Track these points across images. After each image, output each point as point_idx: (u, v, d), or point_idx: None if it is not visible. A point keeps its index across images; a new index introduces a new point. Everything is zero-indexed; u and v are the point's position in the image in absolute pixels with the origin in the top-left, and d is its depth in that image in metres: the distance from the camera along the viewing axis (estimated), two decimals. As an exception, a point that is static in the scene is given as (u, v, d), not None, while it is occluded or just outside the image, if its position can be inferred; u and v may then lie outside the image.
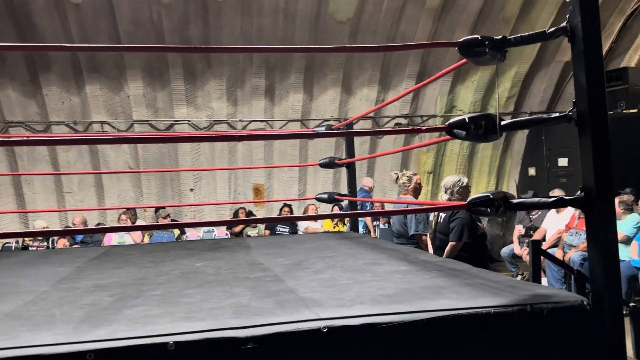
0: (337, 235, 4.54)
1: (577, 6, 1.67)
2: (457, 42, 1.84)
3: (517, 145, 10.06)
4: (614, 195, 1.72)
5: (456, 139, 1.90)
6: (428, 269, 2.50)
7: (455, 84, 9.53)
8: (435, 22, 8.66)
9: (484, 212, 1.86)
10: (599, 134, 1.67)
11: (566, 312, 1.66)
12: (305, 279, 2.33)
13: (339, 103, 9.21)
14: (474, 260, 3.30)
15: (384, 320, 1.56)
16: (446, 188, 4.08)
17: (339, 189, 8.89)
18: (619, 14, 9.34)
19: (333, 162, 4.62)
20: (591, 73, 1.66)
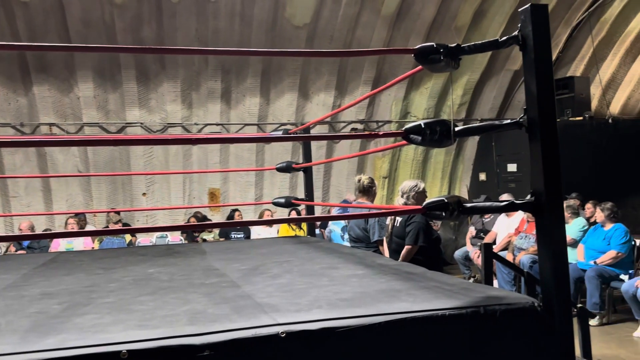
0: (294, 239, 4.53)
1: (529, 16, 1.72)
2: (413, 49, 1.87)
3: (468, 151, 10.31)
4: (563, 200, 1.78)
5: (412, 144, 1.93)
6: (384, 273, 2.53)
7: (410, 91, 9.68)
8: (391, 30, 8.79)
9: (439, 216, 1.89)
10: (549, 140, 1.72)
11: (518, 314, 1.70)
12: (262, 284, 2.31)
13: (296, 107, 9.21)
14: (429, 263, 3.36)
15: (341, 324, 1.56)
16: (403, 192, 4.13)
17: (296, 193, 8.88)
18: (565, 25, 9.71)
19: (290, 167, 4.61)
20: (541, 81, 1.71)
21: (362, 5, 8.43)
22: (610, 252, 5.94)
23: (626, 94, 10.63)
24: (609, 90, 10.48)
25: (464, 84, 9.78)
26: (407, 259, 3.79)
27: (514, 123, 1.81)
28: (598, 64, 10.01)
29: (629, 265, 5.96)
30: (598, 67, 10.02)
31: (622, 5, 9.47)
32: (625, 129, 9.60)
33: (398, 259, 3.79)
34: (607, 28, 9.78)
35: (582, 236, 6.46)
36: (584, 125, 9.26)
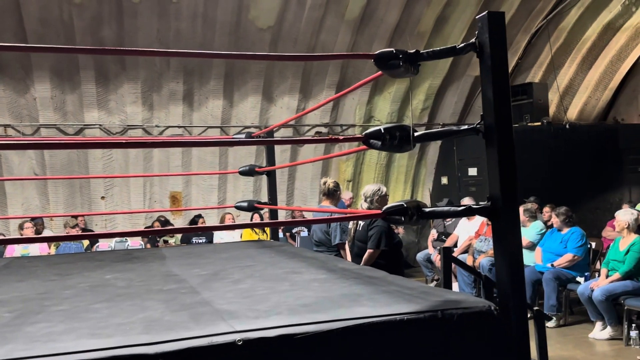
0: (257, 244, 4.50)
1: (486, 23, 1.75)
2: (373, 54, 1.87)
3: (430, 155, 10.44)
4: (519, 204, 1.81)
5: (372, 148, 1.93)
6: (346, 277, 2.52)
7: (373, 95, 9.76)
8: (355, 34, 8.84)
9: (399, 220, 1.90)
10: (505, 145, 1.75)
11: (475, 317, 1.72)
12: (222, 290, 2.28)
13: (260, 110, 9.16)
14: (390, 267, 3.37)
15: (300, 330, 1.55)
16: (366, 197, 4.15)
17: (260, 197, 8.83)
18: (524, 32, 9.95)
19: (253, 170, 4.58)
20: (498, 87, 1.74)
21: (326, 9, 8.45)
22: (567, 255, 6.09)
23: (583, 100, 10.97)
24: (566, 97, 10.79)
25: (426, 89, 9.91)
26: (369, 263, 3.80)
27: (471, 129, 1.83)
28: (556, 71, 10.29)
29: (584, 267, 6.12)
30: (556, 74, 10.30)
31: (579, 14, 9.76)
32: (582, 134, 9.89)
33: (360, 263, 3.80)
34: (565, 35, 10.07)
35: (540, 239, 6.60)
36: (542, 131, 9.49)
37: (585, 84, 10.76)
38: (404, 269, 5.07)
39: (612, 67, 10.70)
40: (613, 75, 10.85)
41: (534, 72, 10.38)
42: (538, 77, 10.36)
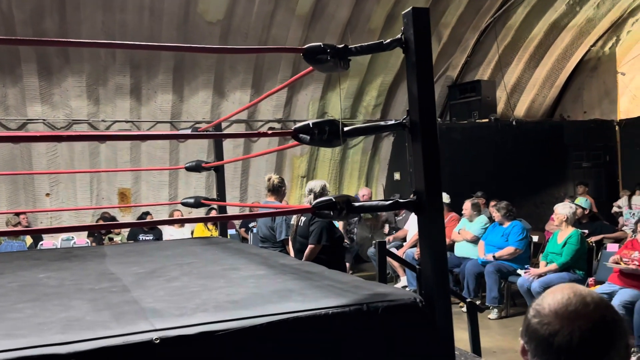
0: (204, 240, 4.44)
1: (410, 19, 1.76)
2: (302, 48, 1.87)
3: (384, 152, 10.55)
4: (442, 199, 1.84)
5: (302, 143, 1.93)
6: (284, 273, 2.52)
7: (326, 91, 9.78)
8: (306, 29, 8.83)
9: (328, 215, 1.90)
10: (429, 141, 1.77)
11: (400, 310, 1.74)
12: (154, 288, 2.24)
13: (211, 105, 9.05)
14: (332, 262, 3.39)
15: (222, 327, 1.53)
16: (315, 193, 4.14)
17: (212, 193, 8.72)
18: (473, 30, 10.15)
19: (200, 166, 4.51)
20: (422, 83, 1.76)
21: (277, 3, 8.41)
22: (508, 247, 6.26)
23: (530, 97, 11.29)
24: (514, 94, 11.08)
25: (379, 86, 9.99)
26: (311, 259, 3.81)
27: (397, 124, 1.85)
28: (503, 69, 10.55)
29: (525, 260, 6.31)
30: (503, 72, 10.56)
31: (525, 12, 10.03)
32: (529, 130, 10.18)
33: (302, 259, 3.80)
34: (512, 34, 10.33)
35: (484, 233, 6.77)
36: (489, 127, 9.73)
37: (533, 82, 11.07)
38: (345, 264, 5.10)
39: (558, 65, 11.05)
40: (559, 73, 11.21)
41: (482, 70, 10.61)
42: (486, 75, 10.59)
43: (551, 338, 1.02)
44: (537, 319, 1.06)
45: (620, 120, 10.82)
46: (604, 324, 1.02)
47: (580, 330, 1.01)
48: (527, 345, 1.08)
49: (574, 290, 1.07)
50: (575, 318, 1.02)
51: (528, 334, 1.07)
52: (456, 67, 10.63)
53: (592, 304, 1.04)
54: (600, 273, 5.61)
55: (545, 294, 1.10)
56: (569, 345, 1.00)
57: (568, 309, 1.03)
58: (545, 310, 1.05)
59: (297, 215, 4.13)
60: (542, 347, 1.03)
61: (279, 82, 9.18)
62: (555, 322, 1.03)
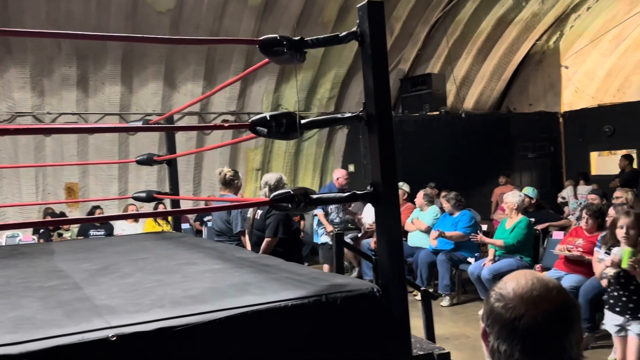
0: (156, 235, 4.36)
1: (366, 12, 1.78)
2: (258, 39, 1.85)
3: (338, 144, 10.61)
4: (398, 190, 1.87)
5: (259, 136, 1.92)
6: (241, 266, 2.51)
7: (281, 83, 9.74)
8: (259, 21, 8.76)
9: (286, 207, 1.90)
10: (385, 133, 1.79)
11: (358, 300, 1.76)
12: (106, 285, 2.18)
13: (162, 97, 8.86)
14: (289, 254, 3.40)
15: (179, 322, 1.51)
16: (270, 185, 4.13)
17: (164, 187, 8.56)
18: (424, 24, 10.31)
19: (151, 159, 4.41)
20: (378, 76, 1.78)
21: (229, -6, 8.31)
22: (457, 231, 6.41)
23: (478, 90, 11.57)
24: (463, 87, 11.33)
25: (332, 78, 10.02)
26: (268, 251, 3.80)
27: (354, 117, 1.86)
28: (453, 62, 10.77)
29: (475, 248, 6.49)
30: (453, 65, 10.78)
31: (474, 7, 10.25)
32: (477, 122, 10.45)
33: (259, 252, 3.79)
34: (461, 28, 10.55)
35: (435, 223, 6.92)
36: (440, 120, 9.93)
37: (481, 75, 11.35)
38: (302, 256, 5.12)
39: (505, 58, 11.36)
40: (506, 67, 11.53)
41: (433, 63, 10.79)
42: (437, 68, 10.78)
43: (516, 321, 1.06)
44: (501, 303, 1.09)
45: (564, 113, 11.24)
46: (565, 308, 1.07)
47: (545, 314, 1.05)
48: (489, 328, 1.11)
49: (536, 276, 1.12)
50: (539, 302, 1.07)
51: (491, 317, 1.11)
52: (408, 61, 10.78)
53: (555, 289, 1.09)
54: (546, 260, 5.83)
55: (506, 279, 1.14)
56: (534, 329, 1.05)
57: (533, 294, 1.08)
58: (510, 294, 1.09)
59: (254, 209, 4.11)
60: (506, 330, 1.07)
61: (232, 74, 9.07)
62: (521, 306, 1.07)
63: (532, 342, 1.05)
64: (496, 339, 1.09)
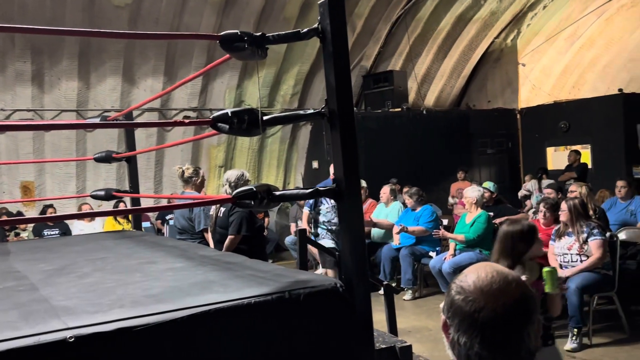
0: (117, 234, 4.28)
1: (327, 9, 1.78)
2: (218, 35, 1.84)
3: (302, 140, 10.61)
4: (360, 186, 1.88)
5: (221, 132, 1.90)
6: (203, 264, 2.48)
7: (243, 79, 9.67)
8: (220, 17, 8.67)
9: (248, 204, 1.89)
10: (347, 130, 1.80)
11: (321, 296, 1.77)
12: (65, 285, 2.13)
13: (121, 93, 8.68)
14: (252, 252, 3.39)
15: (140, 322, 1.49)
16: (230, 182, 4.10)
17: (124, 185, 8.38)
18: (385, 22, 10.40)
19: (110, 156, 4.32)
20: (339, 73, 1.78)
21: (189, -11, 8.20)
22: (419, 226, 6.51)
23: (439, 88, 11.75)
24: (424, 84, 11.48)
25: (295, 75, 10.01)
26: (231, 249, 3.78)
27: (316, 113, 1.86)
28: (414, 60, 10.90)
29: (436, 242, 6.60)
30: (414, 62, 10.91)
31: (434, 5, 10.39)
32: (438, 119, 10.62)
33: (222, 250, 3.76)
34: (422, 26, 10.68)
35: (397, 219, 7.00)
36: (402, 116, 10.04)
37: (441, 72, 11.53)
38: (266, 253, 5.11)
39: (464, 56, 11.57)
40: (465, 64, 11.74)
41: (394, 60, 10.90)
42: (398, 65, 10.89)
43: (476, 314, 1.08)
44: (461, 296, 1.11)
45: (521, 109, 11.53)
46: (523, 300, 1.10)
47: (504, 306, 1.08)
48: (449, 320, 1.13)
49: (496, 268, 1.14)
50: (499, 295, 1.09)
51: (452, 310, 1.13)
52: (370, 58, 10.86)
53: (514, 282, 1.11)
54: (504, 253, 5.96)
55: (467, 272, 1.16)
56: (493, 321, 1.07)
57: (492, 287, 1.10)
58: (470, 287, 1.11)
59: (217, 206, 4.07)
60: (466, 322, 1.09)
61: (193, 70, 8.95)
62: (481, 298, 1.09)
63: (491, 334, 1.07)
64: (456, 332, 1.11)
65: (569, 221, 4.80)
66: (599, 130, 9.99)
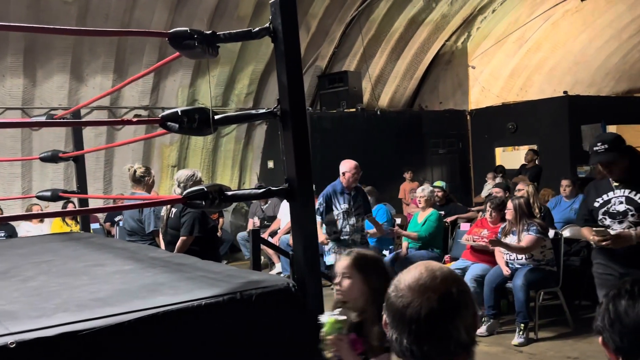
0: (63, 236, 4.16)
1: (278, 9, 1.78)
2: (168, 32, 1.81)
3: (257, 140, 10.54)
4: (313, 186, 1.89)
5: (170, 131, 1.87)
6: (153, 266, 2.44)
7: (196, 78, 9.53)
8: (172, 13, 8.51)
9: (199, 205, 1.87)
10: (299, 129, 1.81)
11: (273, 296, 1.77)
12: (7, 290, 2.06)
13: (68, 91, 8.41)
14: (205, 253, 3.34)
15: (85, 327, 1.45)
16: (179, 182, 4.03)
17: (72, 185, 8.13)
18: (339, 22, 10.45)
19: (56, 156, 4.19)
20: (291, 73, 1.79)
21: (140, -15, 8.02)
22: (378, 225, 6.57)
23: (392, 89, 11.91)
24: (378, 85, 11.61)
25: (250, 74, 9.94)
26: (183, 250, 3.72)
27: (269, 113, 1.86)
28: (368, 60, 11.00)
29: (389, 241, 6.69)
30: (368, 63, 11.01)
31: (387, 7, 10.51)
32: (391, 120, 10.75)
33: (173, 251, 3.70)
34: (376, 27, 10.79)
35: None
36: (356, 116, 10.12)
37: (394, 74, 11.68)
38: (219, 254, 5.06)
39: (416, 58, 11.76)
40: (418, 66, 11.93)
41: (349, 61, 10.97)
42: (353, 66, 10.97)
43: (404, 310, 1.12)
44: (394, 293, 1.16)
45: (471, 110, 11.81)
46: (449, 295, 1.14)
47: (428, 301, 1.11)
48: (387, 317, 1.17)
49: (427, 266, 1.19)
50: (424, 291, 1.13)
51: (387, 307, 1.17)
52: (325, 58, 10.89)
53: (440, 278, 1.15)
54: (455, 250, 6.11)
55: (405, 270, 1.20)
56: (417, 316, 1.11)
57: (419, 283, 1.14)
58: (401, 285, 1.16)
59: (168, 207, 4.00)
60: (397, 318, 1.13)
61: (144, 67, 8.75)
62: (408, 295, 1.13)
63: (417, 328, 1.11)
64: (391, 327, 1.15)
65: (514, 219, 4.97)
66: (545, 131, 10.34)
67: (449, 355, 1.12)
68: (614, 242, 3.23)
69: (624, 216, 3.33)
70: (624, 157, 3.33)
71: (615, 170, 3.35)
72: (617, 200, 3.36)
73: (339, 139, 9.58)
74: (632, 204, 3.32)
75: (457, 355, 1.13)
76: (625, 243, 3.24)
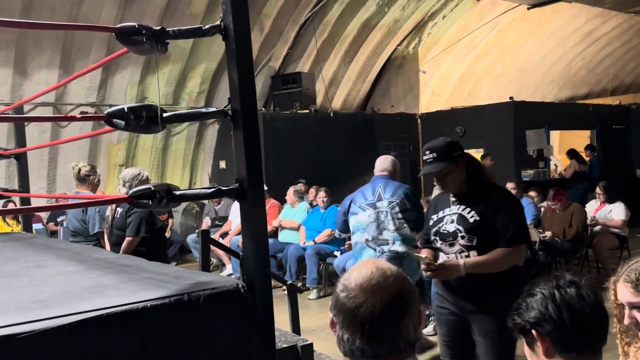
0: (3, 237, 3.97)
1: (229, 6, 1.76)
2: (114, 27, 1.75)
3: (209, 139, 10.42)
4: (263, 186, 1.88)
5: (117, 129, 1.82)
6: (97, 268, 2.37)
7: (146, 75, 9.32)
8: (122, 9, 8.31)
9: (146, 204, 1.82)
10: (250, 129, 1.79)
11: (222, 297, 1.74)
12: (-60, 292, 1.95)
13: (11, 86, 8.08)
14: (152, 254, 3.27)
15: (23, 329, 1.39)
16: (125, 181, 3.93)
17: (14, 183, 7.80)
18: (293, 23, 10.45)
19: (-3, 153, 4.02)
20: (242, 71, 1.76)
21: (88, -22, 7.78)
22: (325, 230, 6.63)
23: (346, 91, 12.00)
24: (331, 87, 11.68)
25: (202, 72, 9.81)
26: (129, 251, 3.63)
27: (219, 111, 1.83)
28: (321, 63, 11.05)
29: (341, 242, 6.73)
30: (322, 65, 11.06)
31: (340, 10, 10.59)
32: (344, 122, 10.83)
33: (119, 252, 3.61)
34: (329, 29, 10.85)
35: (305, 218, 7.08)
36: (310, 118, 10.15)
37: (348, 76, 11.78)
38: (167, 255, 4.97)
39: (369, 61, 11.89)
40: (370, 69, 12.07)
41: (303, 62, 10.99)
42: (307, 67, 10.99)
43: (356, 310, 1.12)
44: (344, 293, 1.15)
45: (421, 114, 12.04)
46: (400, 295, 1.15)
47: (382, 301, 1.12)
48: (335, 317, 1.16)
49: (377, 265, 1.19)
50: (377, 291, 1.13)
51: (337, 307, 1.16)
52: (278, 59, 10.87)
53: (392, 277, 1.16)
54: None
55: (351, 269, 1.20)
56: (371, 316, 1.11)
57: (371, 283, 1.14)
58: (351, 284, 1.15)
59: (113, 206, 3.89)
60: (348, 318, 1.13)
61: (92, 63, 8.50)
62: (360, 294, 1.13)
63: (370, 328, 1.12)
64: (341, 328, 1.15)
65: None
66: (492, 135, 10.65)
67: (398, 353, 1.13)
68: (438, 272, 2.65)
69: (454, 238, 2.72)
70: (459, 167, 2.77)
71: (448, 183, 2.79)
72: (450, 219, 2.77)
73: (292, 140, 9.59)
74: (462, 224, 2.71)
75: (406, 352, 1.14)
76: (451, 274, 2.64)
